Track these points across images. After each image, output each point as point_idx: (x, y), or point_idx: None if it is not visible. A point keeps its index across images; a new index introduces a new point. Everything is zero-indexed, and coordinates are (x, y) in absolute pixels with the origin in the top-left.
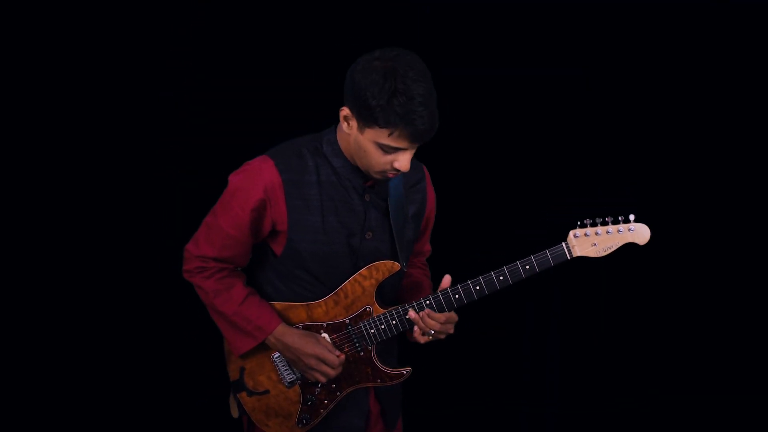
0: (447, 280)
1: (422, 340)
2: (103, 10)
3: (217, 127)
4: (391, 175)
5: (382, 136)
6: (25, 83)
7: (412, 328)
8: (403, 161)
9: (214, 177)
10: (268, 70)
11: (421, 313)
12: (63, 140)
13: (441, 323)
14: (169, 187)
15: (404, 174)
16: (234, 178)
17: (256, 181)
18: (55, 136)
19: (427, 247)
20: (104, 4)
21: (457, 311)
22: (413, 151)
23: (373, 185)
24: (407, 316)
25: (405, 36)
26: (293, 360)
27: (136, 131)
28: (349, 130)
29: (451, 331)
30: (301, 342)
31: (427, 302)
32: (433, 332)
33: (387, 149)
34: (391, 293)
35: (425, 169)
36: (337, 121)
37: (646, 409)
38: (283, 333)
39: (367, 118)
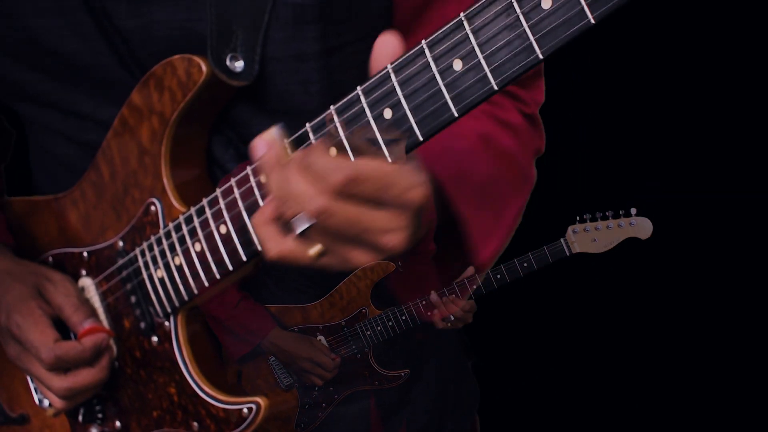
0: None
1: (440, 325)
2: None
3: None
4: None
5: None
6: None
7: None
8: None
9: None
10: None
11: (443, 298)
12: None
13: (465, 311)
14: None
15: None
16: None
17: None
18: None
19: (432, 247)
20: None
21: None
22: None
23: None
24: (430, 299)
25: None
26: (288, 363)
27: None
28: None
29: (470, 320)
30: (295, 345)
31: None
32: (453, 318)
33: None
34: (390, 296)
35: None
36: None
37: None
38: (277, 336)
39: None
